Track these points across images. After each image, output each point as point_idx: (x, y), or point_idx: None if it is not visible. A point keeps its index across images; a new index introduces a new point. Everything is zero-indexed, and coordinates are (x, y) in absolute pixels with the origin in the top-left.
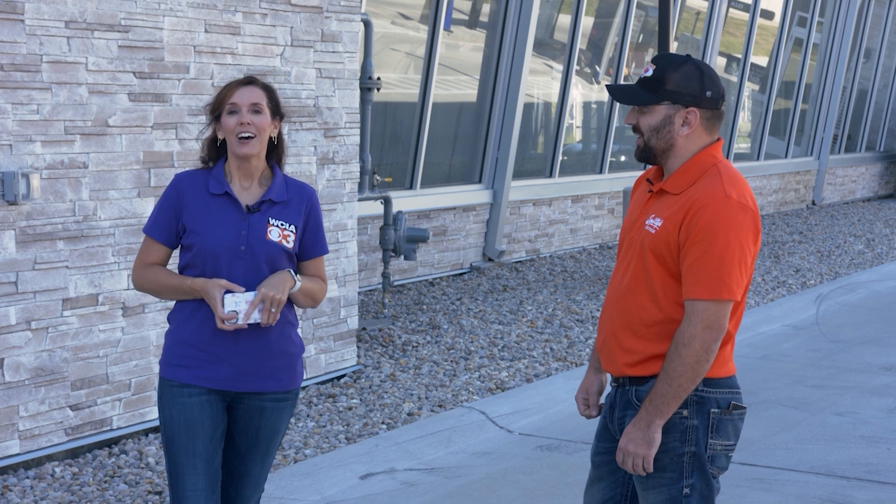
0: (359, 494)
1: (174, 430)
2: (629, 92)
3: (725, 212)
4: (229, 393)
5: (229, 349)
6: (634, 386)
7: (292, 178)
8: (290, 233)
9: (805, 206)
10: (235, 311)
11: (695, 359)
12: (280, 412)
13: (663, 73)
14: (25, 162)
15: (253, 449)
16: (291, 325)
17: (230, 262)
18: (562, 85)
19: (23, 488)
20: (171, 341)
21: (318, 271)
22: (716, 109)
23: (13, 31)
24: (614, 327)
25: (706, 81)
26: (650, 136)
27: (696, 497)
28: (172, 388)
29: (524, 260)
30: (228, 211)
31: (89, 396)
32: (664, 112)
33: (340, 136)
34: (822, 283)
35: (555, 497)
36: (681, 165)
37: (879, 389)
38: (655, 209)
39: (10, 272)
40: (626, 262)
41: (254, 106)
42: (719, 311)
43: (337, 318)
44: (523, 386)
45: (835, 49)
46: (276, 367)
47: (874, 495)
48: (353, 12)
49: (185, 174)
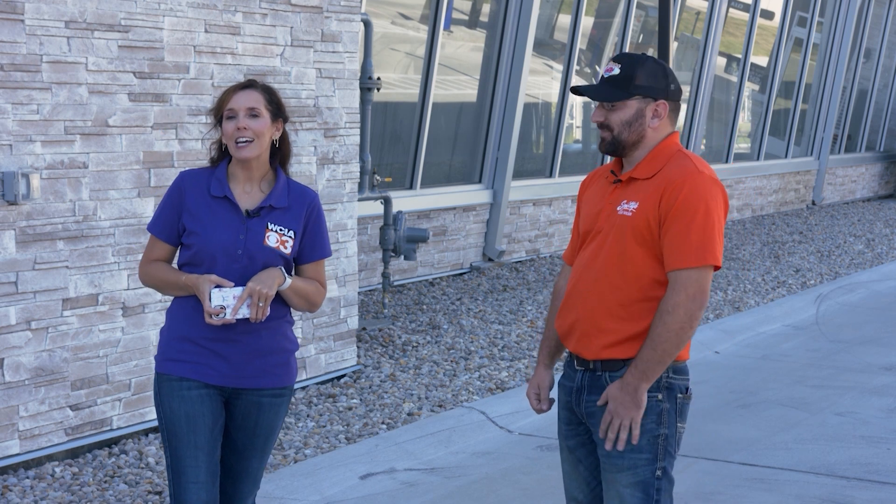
0: (359, 494)
1: (175, 423)
2: (600, 90)
3: (702, 185)
4: (227, 389)
5: (227, 345)
6: (608, 371)
7: (296, 182)
8: (289, 238)
9: (805, 206)
10: (223, 306)
11: (679, 325)
12: (277, 408)
13: (631, 70)
14: (25, 162)
15: (251, 445)
16: (288, 323)
17: (227, 265)
18: (562, 85)
19: (23, 488)
20: (168, 336)
21: (316, 275)
22: (678, 101)
23: (13, 31)
24: (588, 310)
25: (669, 76)
26: (621, 130)
27: (665, 480)
28: (171, 382)
29: (524, 260)
30: (227, 214)
31: (89, 396)
32: (636, 106)
33: (340, 136)
34: (822, 283)
35: (555, 497)
36: (647, 154)
37: (879, 389)
38: (627, 195)
39: (10, 272)
40: (594, 250)
41: (251, 111)
42: (703, 279)
43: (337, 318)
44: (523, 386)
45: (835, 49)
46: (273, 363)
47: (874, 495)
48: (353, 12)
49: (189, 173)
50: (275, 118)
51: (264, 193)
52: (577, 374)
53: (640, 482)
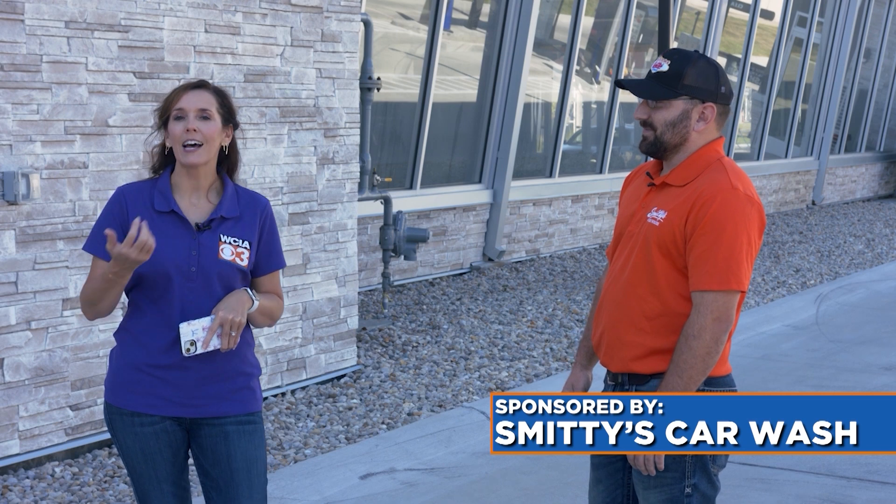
0: (359, 494)
1: (133, 459)
2: (645, 86)
3: (734, 203)
4: (184, 419)
5: (177, 373)
6: (634, 385)
7: (244, 189)
8: (244, 250)
9: (805, 206)
10: (193, 341)
11: (705, 350)
12: (248, 437)
13: (681, 68)
14: (25, 162)
15: (232, 482)
16: (248, 345)
17: (181, 283)
18: (562, 85)
19: (23, 488)
20: (117, 363)
21: (273, 287)
22: (727, 105)
23: (13, 31)
24: (614, 321)
25: (721, 77)
26: (664, 131)
27: (698, 497)
28: (123, 417)
29: (524, 260)
30: (176, 230)
31: (89, 396)
32: (682, 107)
33: (340, 136)
34: (822, 283)
35: (555, 497)
36: (685, 159)
37: (879, 389)
38: (658, 202)
39: (10, 272)
40: (626, 256)
41: (202, 112)
42: (728, 303)
43: (337, 318)
44: (523, 386)
45: (835, 49)
46: (233, 388)
47: (874, 495)
48: (353, 12)
49: (128, 187)
50: (226, 123)
51: (213, 204)
52: (608, 387)
53: (669, 499)
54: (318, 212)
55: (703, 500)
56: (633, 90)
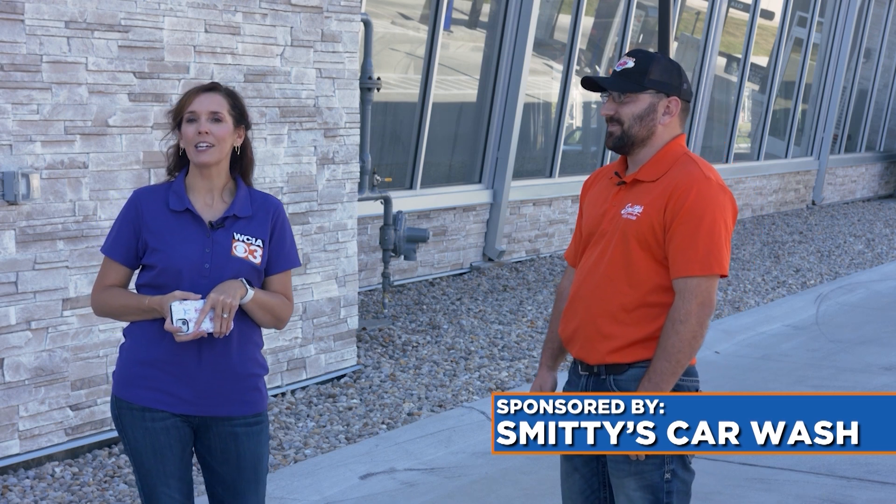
0: (359, 494)
1: (142, 455)
2: (612, 81)
3: (708, 193)
4: (194, 418)
5: (190, 370)
6: (612, 375)
7: (257, 191)
8: (257, 248)
9: (805, 206)
10: (185, 320)
11: (692, 334)
12: (256, 437)
13: (646, 65)
14: (25, 162)
15: (241, 480)
16: (256, 346)
17: (194, 280)
18: (562, 85)
19: (23, 488)
20: (128, 358)
21: (283, 288)
22: (688, 101)
23: (13, 31)
24: (592, 316)
25: (683, 75)
26: (632, 124)
27: (677, 482)
28: (132, 412)
29: (524, 260)
30: (190, 228)
31: (89, 396)
32: (648, 100)
33: (340, 136)
34: (822, 283)
35: (555, 497)
36: (653, 155)
37: (879, 389)
38: (631, 198)
39: (10, 272)
40: (599, 253)
41: (213, 114)
42: (710, 287)
43: (337, 318)
44: (523, 386)
45: (835, 49)
46: (243, 388)
47: (874, 495)
48: (353, 12)
49: (144, 190)
50: (237, 124)
51: (227, 203)
52: (580, 378)
53: (648, 486)
54: (318, 212)
55: (681, 485)
56: (601, 85)
